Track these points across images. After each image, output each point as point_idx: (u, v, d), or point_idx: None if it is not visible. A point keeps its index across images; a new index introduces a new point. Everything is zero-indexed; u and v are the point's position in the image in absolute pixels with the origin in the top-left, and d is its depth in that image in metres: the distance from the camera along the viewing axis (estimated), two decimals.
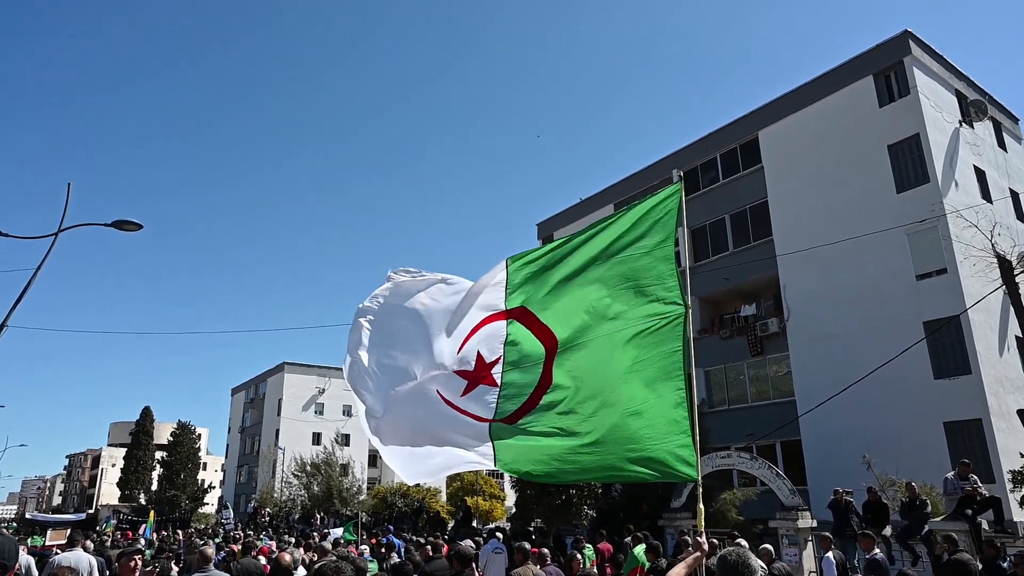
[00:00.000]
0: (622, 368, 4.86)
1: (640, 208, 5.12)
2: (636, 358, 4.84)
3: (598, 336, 4.97)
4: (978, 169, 23.81)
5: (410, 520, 31.28)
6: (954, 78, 24.93)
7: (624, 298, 4.98)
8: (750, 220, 27.25)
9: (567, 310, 5.05)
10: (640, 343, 4.85)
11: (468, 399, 4.99)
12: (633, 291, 4.97)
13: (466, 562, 7.26)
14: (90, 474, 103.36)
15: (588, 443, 4.89)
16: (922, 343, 19.80)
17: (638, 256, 5.03)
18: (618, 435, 4.80)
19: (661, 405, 4.73)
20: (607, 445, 4.85)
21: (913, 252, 21.79)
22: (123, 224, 15.22)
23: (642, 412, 4.77)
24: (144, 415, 73.61)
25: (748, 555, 3.41)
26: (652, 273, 4.97)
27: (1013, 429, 19.58)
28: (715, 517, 16.42)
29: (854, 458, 18.83)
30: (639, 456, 4.75)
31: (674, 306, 4.83)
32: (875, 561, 9.88)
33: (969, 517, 11.33)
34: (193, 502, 59.85)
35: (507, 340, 5.09)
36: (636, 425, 4.77)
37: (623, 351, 4.88)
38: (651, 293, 4.93)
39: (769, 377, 25.82)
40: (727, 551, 3.46)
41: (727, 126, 28.85)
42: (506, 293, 5.16)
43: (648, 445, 4.71)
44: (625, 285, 4.99)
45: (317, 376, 69.13)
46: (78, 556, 9.84)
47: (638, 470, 4.81)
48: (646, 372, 4.81)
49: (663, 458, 4.69)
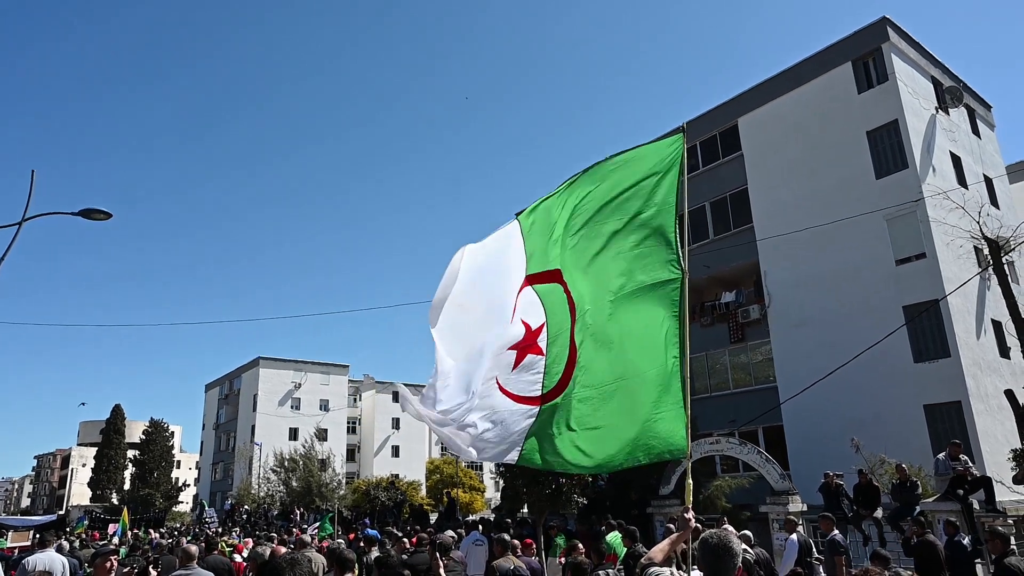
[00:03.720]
0: (622, 334, 4.74)
1: (642, 160, 4.89)
2: (634, 322, 4.73)
3: (603, 300, 4.82)
4: (954, 155, 24.05)
5: (392, 514, 30.97)
6: (930, 65, 25.14)
7: (626, 257, 4.84)
8: (730, 207, 27.28)
9: (577, 271, 4.87)
10: (639, 307, 4.73)
11: (518, 372, 4.71)
12: (635, 251, 4.84)
13: (445, 552, 7.17)
14: (60, 475, 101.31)
15: (595, 427, 4.74)
16: (901, 327, 19.97)
17: (644, 218, 4.87)
18: (619, 409, 4.67)
19: (655, 374, 4.61)
20: (610, 429, 4.71)
21: (892, 237, 21.97)
22: (91, 213, 14.66)
23: (636, 381, 4.65)
24: (115, 413, 72.24)
25: (730, 538, 3.38)
26: (654, 233, 4.84)
27: (991, 411, 19.85)
28: (704, 504, 16.40)
29: (836, 442, 18.95)
30: (634, 434, 4.61)
31: (673, 269, 4.71)
32: (833, 541, 10.26)
33: (960, 497, 11.40)
34: (168, 500, 58.91)
35: (544, 305, 4.85)
36: (631, 396, 4.65)
37: (624, 315, 4.75)
38: (652, 254, 4.81)
39: (750, 363, 25.92)
40: (708, 534, 3.40)
41: (706, 113, 28.82)
42: (526, 255, 4.94)
43: (641, 417, 4.58)
44: (628, 244, 4.86)
45: (293, 371, 68.36)
46: (51, 557, 9.42)
47: (636, 454, 4.67)
48: (642, 339, 4.69)
49: (655, 431, 4.55)
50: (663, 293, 4.71)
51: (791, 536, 11.19)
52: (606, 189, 4.93)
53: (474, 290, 4.84)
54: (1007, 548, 7.66)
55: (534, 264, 4.90)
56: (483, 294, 4.86)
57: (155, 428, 64.18)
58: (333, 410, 69.02)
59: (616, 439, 4.67)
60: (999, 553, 7.58)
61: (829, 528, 10.74)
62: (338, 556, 5.46)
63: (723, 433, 19.57)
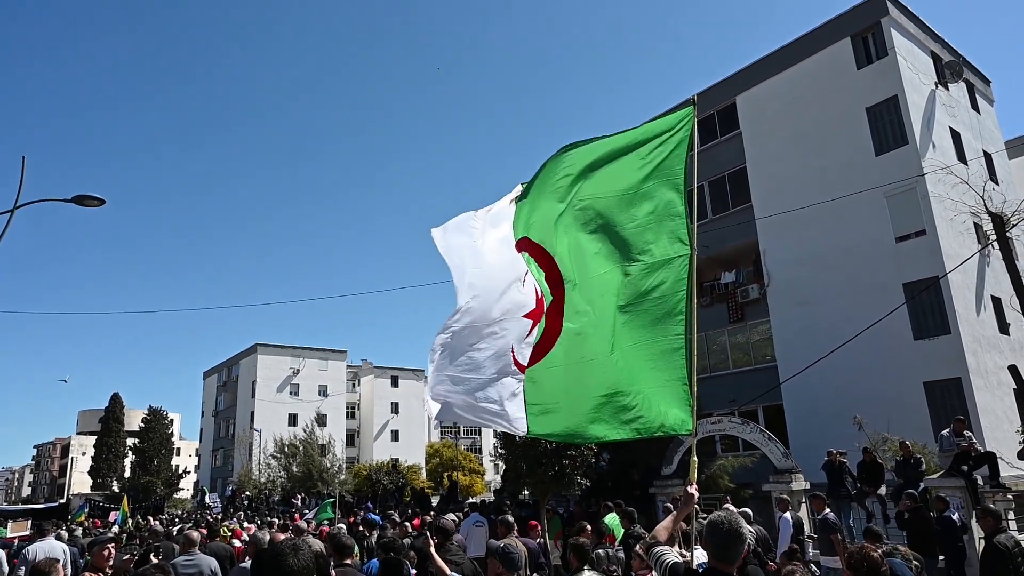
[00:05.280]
0: (624, 309, 4.65)
1: (650, 134, 4.78)
2: (639, 299, 4.64)
3: (602, 272, 4.74)
4: (953, 131, 23.85)
5: (394, 498, 31.05)
6: (929, 39, 24.86)
7: (632, 231, 4.74)
8: (728, 186, 27.09)
9: (573, 244, 4.78)
10: (642, 281, 4.64)
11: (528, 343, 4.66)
12: (642, 225, 4.73)
13: (447, 535, 7.18)
14: (60, 463, 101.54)
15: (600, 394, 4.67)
16: (902, 305, 19.89)
17: (649, 188, 4.76)
18: (617, 382, 4.59)
19: (658, 350, 4.52)
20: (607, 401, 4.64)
21: (892, 214, 21.82)
22: (84, 199, 14.46)
23: (637, 355, 4.57)
24: (113, 402, 72.14)
25: (740, 522, 3.36)
26: (663, 207, 4.71)
27: (991, 387, 19.84)
28: (706, 483, 16.39)
29: (836, 420, 18.93)
30: (634, 408, 4.54)
31: (681, 245, 4.60)
32: (826, 520, 10.29)
33: (965, 473, 11.37)
34: (168, 488, 59.03)
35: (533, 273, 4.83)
36: (631, 369, 4.57)
37: (626, 290, 4.67)
38: (661, 228, 4.69)
39: (750, 343, 25.87)
40: (718, 518, 3.34)
41: (704, 92, 28.46)
42: (516, 222, 4.89)
43: (644, 392, 4.52)
44: (634, 218, 4.74)
45: (291, 357, 68.31)
46: (52, 546, 9.40)
47: (638, 428, 4.60)
48: (648, 315, 4.59)
49: (659, 408, 4.49)
50: (669, 269, 4.60)
51: (784, 514, 11.37)
52: (611, 162, 4.82)
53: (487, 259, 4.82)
54: (998, 525, 7.62)
55: (520, 229, 4.86)
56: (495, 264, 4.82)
57: (154, 416, 64.11)
58: (332, 395, 69.08)
59: (614, 413, 4.61)
60: (990, 530, 7.53)
61: (821, 507, 10.84)
62: (336, 541, 5.42)
63: (724, 412, 19.56)
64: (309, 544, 2.90)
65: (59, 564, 5.65)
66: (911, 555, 6.41)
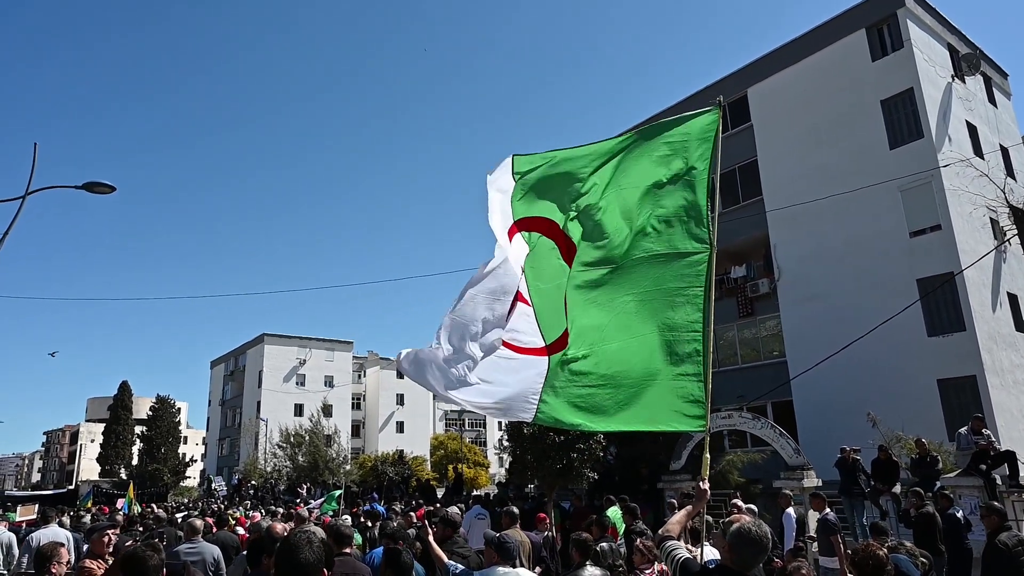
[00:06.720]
0: (641, 303, 4.67)
1: (677, 132, 4.75)
2: (657, 295, 4.67)
3: (623, 264, 4.72)
4: (970, 124, 23.46)
5: (399, 489, 31.02)
6: (946, 31, 24.44)
7: (654, 224, 4.74)
8: (739, 179, 26.76)
9: (593, 228, 4.70)
10: (661, 272, 4.67)
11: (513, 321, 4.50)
12: (663, 222, 4.74)
13: (455, 527, 7.23)
14: (69, 450, 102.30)
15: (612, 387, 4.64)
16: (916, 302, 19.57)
17: (671, 185, 4.79)
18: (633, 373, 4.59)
19: (672, 340, 4.58)
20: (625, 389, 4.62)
21: (906, 208, 21.48)
22: (94, 186, 14.35)
23: (653, 347, 4.59)
24: (122, 389, 72.41)
25: (766, 531, 3.36)
26: (685, 204, 4.75)
27: (1007, 385, 19.54)
28: (716, 479, 16.18)
29: (847, 417, 18.67)
30: (651, 401, 4.55)
31: (701, 244, 4.65)
32: (825, 521, 10.15)
33: (983, 472, 11.15)
34: (175, 476, 59.31)
35: (528, 252, 4.70)
36: (646, 361, 4.56)
37: (643, 280, 4.68)
38: (681, 226, 4.72)
39: (759, 338, 25.61)
40: (746, 527, 3.29)
41: (715, 84, 28.18)
42: (513, 198, 4.76)
43: (659, 385, 4.53)
44: (656, 212, 4.74)
45: (298, 347, 68.49)
46: (55, 532, 9.33)
47: (653, 421, 4.64)
48: (665, 312, 4.63)
49: (674, 403, 4.50)
50: (687, 263, 4.64)
51: (787, 510, 11.23)
52: (639, 157, 4.80)
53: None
54: (1002, 523, 7.45)
55: (522, 209, 4.74)
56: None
57: (162, 404, 64.29)
58: (338, 386, 69.24)
59: (630, 404, 4.58)
60: (994, 528, 7.36)
61: (820, 507, 10.63)
62: (336, 531, 5.42)
63: (733, 408, 19.33)
64: (313, 532, 2.88)
65: (63, 548, 5.57)
66: (918, 552, 6.24)
